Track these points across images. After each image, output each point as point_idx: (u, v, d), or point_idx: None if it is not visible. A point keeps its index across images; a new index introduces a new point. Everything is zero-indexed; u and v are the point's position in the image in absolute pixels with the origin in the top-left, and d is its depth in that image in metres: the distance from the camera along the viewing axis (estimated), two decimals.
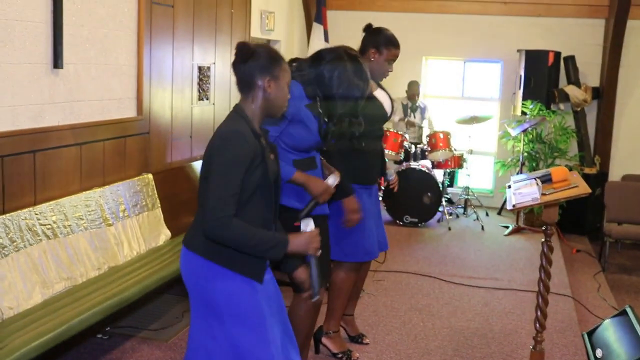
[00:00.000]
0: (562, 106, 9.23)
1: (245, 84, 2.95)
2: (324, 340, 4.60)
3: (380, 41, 4.38)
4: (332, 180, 3.59)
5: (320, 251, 3.03)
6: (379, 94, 4.50)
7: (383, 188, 7.97)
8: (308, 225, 3.01)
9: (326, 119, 3.65)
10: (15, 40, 4.15)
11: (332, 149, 4.02)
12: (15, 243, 3.98)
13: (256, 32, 7.91)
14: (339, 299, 4.52)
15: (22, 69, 4.22)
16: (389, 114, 4.56)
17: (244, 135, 2.83)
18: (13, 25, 4.12)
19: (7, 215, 4.01)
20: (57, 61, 4.47)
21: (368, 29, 4.46)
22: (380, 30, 4.43)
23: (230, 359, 2.93)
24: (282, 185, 3.32)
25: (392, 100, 4.67)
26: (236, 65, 2.96)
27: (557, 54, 9.23)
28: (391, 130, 8.39)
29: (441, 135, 8.71)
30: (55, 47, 4.45)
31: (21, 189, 4.24)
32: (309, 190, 3.59)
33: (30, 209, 4.18)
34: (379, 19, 4.53)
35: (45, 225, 4.22)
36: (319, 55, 3.75)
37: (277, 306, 3.07)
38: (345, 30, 4.49)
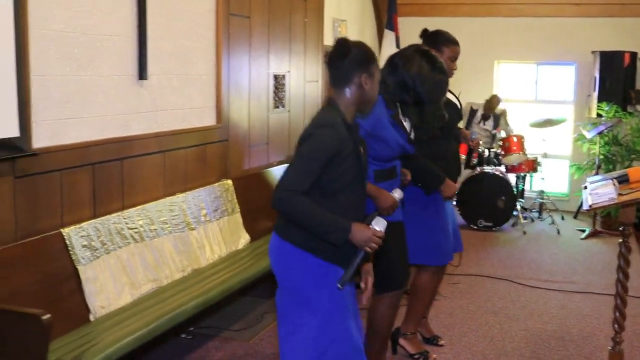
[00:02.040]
0: (639, 107, 9.08)
1: (341, 79, 3.07)
2: (402, 341, 4.67)
3: (438, 41, 4.45)
4: (398, 195, 3.67)
5: (371, 251, 3.03)
6: (449, 95, 4.56)
7: (457, 192, 8.00)
8: (378, 224, 3.01)
9: (418, 121, 3.77)
10: (104, 53, 4.38)
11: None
12: (105, 246, 4.19)
13: (329, 40, 8.03)
14: (421, 302, 4.59)
15: (110, 80, 4.44)
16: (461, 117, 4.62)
17: (335, 125, 2.97)
18: (102, 40, 4.35)
19: (98, 219, 4.23)
20: (142, 73, 4.68)
21: (424, 33, 4.55)
22: (436, 32, 4.51)
23: (315, 345, 3.07)
24: None
25: (460, 105, 4.73)
26: (333, 61, 3.07)
27: (633, 55, 9.08)
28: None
29: (515, 139, 8.68)
30: (141, 60, 4.67)
31: (110, 195, 4.46)
32: (377, 203, 3.69)
33: (119, 213, 4.40)
34: (449, 24, 4.60)
35: (133, 229, 4.43)
36: (393, 62, 3.85)
37: (352, 302, 3.20)
38: (417, 36, 4.56)
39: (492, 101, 9.19)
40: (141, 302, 4.24)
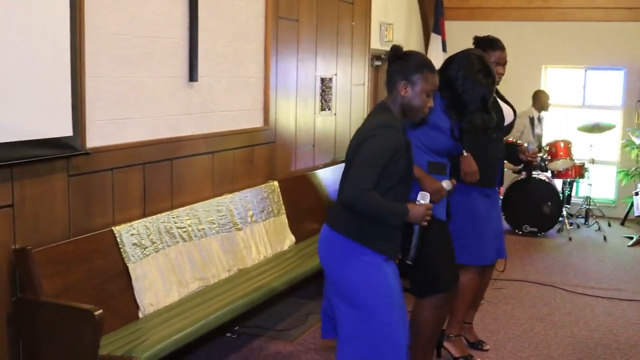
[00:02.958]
0: None
1: (389, 83, 3.25)
2: (446, 344, 4.67)
3: (485, 46, 4.46)
4: (447, 184, 3.73)
5: (425, 223, 3.26)
6: (502, 105, 4.56)
7: (502, 197, 7.97)
8: (424, 198, 3.25)
9: (458, 118, 3.84)
10: (156, 55, 4.46)
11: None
12: (155, 244, 4.26)
13: (375, 44, 8.06)
14: (462, 303, 4.58)
15: (161, 82, 4.52)
16: (507, 123, 4.59)
17: (395, 127, 3.15)
18: (154, 42, 4.43)
19: (148, 218, 4.31)
20: (192, 74, 4.76)
21: (475, 39, 4.57)
22: (484, 37, 4.53)
23: (365, 336, 3.16)
24: None
25: (515, 113, 4.71)
26: (388, 64, 3.28)
27: None
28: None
29: (562, 144, 8.59)
30: (191, 62, 4.74)
31: (159, 194, 4.54)
32: (422, 186, 3.73)
33: (168, 212, 4.47)
34: (497, 28, 4.60)
35: (181, 228, 4.50)
36: (448, 59, 4.02)
37: (400, 299, 3.29)
38: (464, 40, 4.57)
39: (541, 96, 9.11)
40: (188, 301, 4.30)
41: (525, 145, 4.75)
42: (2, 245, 3.50)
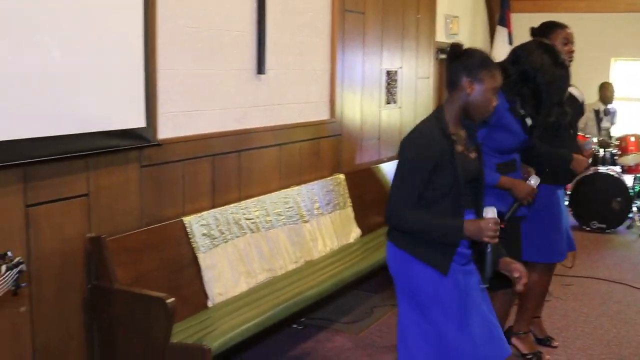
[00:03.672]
0: None
1: (451, 82, 3.06)
2: (514, 340, 4.61)
3: (545, 29, 4.37)
4: (534, 181, 3.67)
5: (496, 240, 3.00)
6: (572, 90, 4.46)
7: (569, 193, 7.84)
8: (488, 213, 2.98)
9: (534, 114, 3.76)
10: (224, 48, 4.50)
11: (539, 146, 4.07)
12: (224, 235, 4.31)
13: (441, 37, 8.00)
14: (531, 300, 4.52)
15: (230, 74, 4.57)
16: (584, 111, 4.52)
17: (428, 137, 2.96)
18: (223, 35, 4.47)
19: (217, 209, 4.36)
20: (260, 67, 4.79)
21: (531, 30, 4.50)
22: (541, 24, 4.44)
23: (431, 344, 3.06)
24: None
25: (583, 100, 4.63)
26: (448, 64, 3.10)
27: None
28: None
29: (632, 139, 8.37)
30: (259, 54, 4.78)
31: (228, 186, 4.59)
32: (515, 194, 3.69)
33: (236, 204, 4.52)
34: (564, 20, 4.48)
35: (249, 219, 4.54)
36: (515, 54, 3.87)
37: (477, 298, 3.15)
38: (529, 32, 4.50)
39: (607, 88, 8.91)
40: (256, 291, 4.34)
41: (585, 141, 4.66)
42: (78, 234, 3.59)
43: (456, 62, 3.03)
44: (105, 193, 3.72)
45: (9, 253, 2.52)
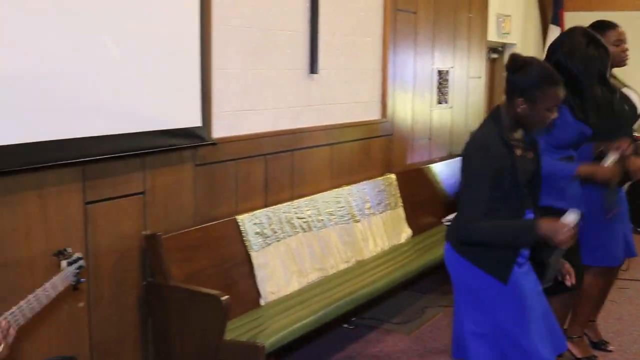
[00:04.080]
0: None
1: (508, 92, 3.00)
2: (568, 344, 4.54)
3: (596, 29, 4.28)
4: (613, 156, 3.59)
5: (569, 245, 2.96)
6: (628, 92, 4.38)
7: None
8: (568, 217, 2.93)
9: (578, 104, 3.71)
10: (278, 48, 4.53)
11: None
12: (276, 234, 4.33)
13: (493, 36, 7.92)
14: (586, 304, 4.45)
15: (283, 74, 4.59)
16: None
17: (489, 147, 2.91)
18: (277, 35, 4.50)
19: (269, 208, 4.39)
20: (313, 67, 4.81)
21: None
22: (591, 24, 4.36)
23: (492, 346, 3.05)
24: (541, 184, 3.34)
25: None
26: (506, 74, 3.02)
27: None
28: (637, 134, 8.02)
29: None
30: (312, 54, 4.80)
31: (280, 185, 4.62)
32: (598, 178, 3.61)
33: (289, 203, 4.54)
34: (619, 19, 4.39)
35: (301, 218, 4.56)
36: (553, 43, 3.87)
37: (534, 296, 3.11)
38: None
39: None
40: (308, 290, 4.35)
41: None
42: (134, 231, 3.65)
43: (514, 75, 2.96)
44: (160, 191, 3.77)
45: (69, 249, 2.58)
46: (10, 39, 2.88)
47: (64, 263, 2.52)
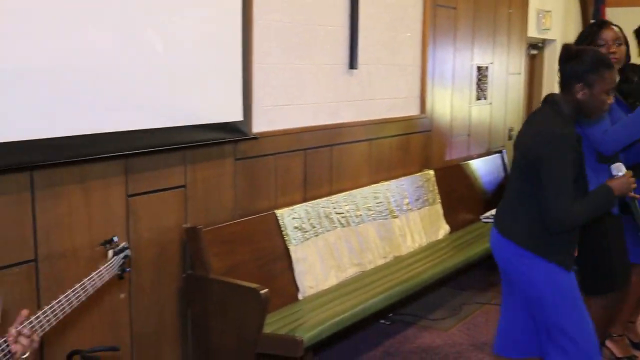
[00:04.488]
0: None
1: (563, 83, 3.07)
2: (608, 343, 4.49)
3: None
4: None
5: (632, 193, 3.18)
6: None
7: None
8: (620, 170, 3.14)
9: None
10: (318, 43, 4.53)
11: None
12: (315, 228, 4.34)
13: (532, 32, 7.84)
14: (628, 302, 4.39)
15: (323, 69, 4.60)
16: None
17: (566, 137, 2.97)
18: (317, 30, 4.50)
19: (308, 202, 4.40)
20: (352, 62, 4.81)
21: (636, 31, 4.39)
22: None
23: (547, 339, 3.11)
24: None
25: None
26: (560, 64, 3.09)
27: None
28: None
29: None
30: (352, 49, 4.80)
31: (319, 180, 4.63)
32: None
33: (327, 198, 4.55)
34: None
35: (340, 213, 4.56)
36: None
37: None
38: (626, 27, 4.33)
39: None
40: (345, 285, 4.36)
41: None
42: (175, 224, 3.68)
43: (568, 65, 3.03)
44: (201, 185, 3.80)
45: (115, 238, 2.61)
46: (56, 33, 2.92)
47: (110, 252, 2.55)
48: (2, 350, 1.94)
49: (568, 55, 3.05)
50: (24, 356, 1.99)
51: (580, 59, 3.01)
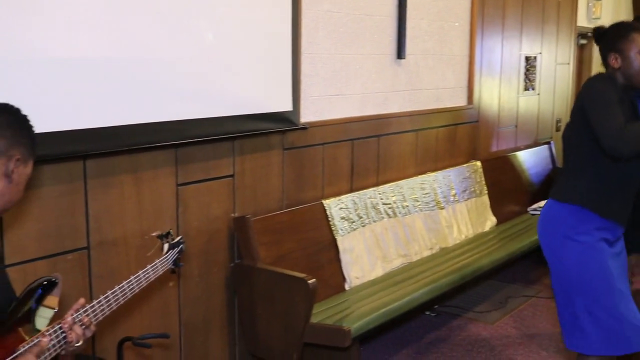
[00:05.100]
0: None
1: (603, 62, 3.17)
2: None
3: None
4: None
5: None
6: None
7: None
8: None
9: None
10: (366, 33, 4.51)
11: None
12: (361, 219, 4.33)
13: (582, 21, 7.71)
14: None
15: (370, 59, 4.57)
16: None
17: (612, 79, 3.05)
18: (364, 20, 4.48)
19: (355, 193, 4.39)
20: (400, 52, 4.78)
21: None
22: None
23: (594, 320, 3.06)
24: None
25: None
26: (596, 43, 3.21)
27: None
28: None
29: None
30: (399, 39, 4.76)
31: (366, 170, 4.61)
32: None
33: (374, 188, 4.53)
34: None
35: (386, 204, 4.55)
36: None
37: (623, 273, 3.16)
38: None
39: None
40: (392, 276, 4.34)
41: None
42: (223, 213, 3.70)
43: (600, 44, 3.15)
44: (249, 174, 3.81)
45: (171, 231, 2.62)
46: (109, 23, 2.95)
47: (166, 246, 2.55)
48: (58, 337, 1.97)
49: (598, 35, 3.16)
50: (78, 344, 2.02)
51: (606, 33, 3.14)
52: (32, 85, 2.69)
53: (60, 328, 1.98)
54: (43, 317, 2.00)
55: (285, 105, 3.84)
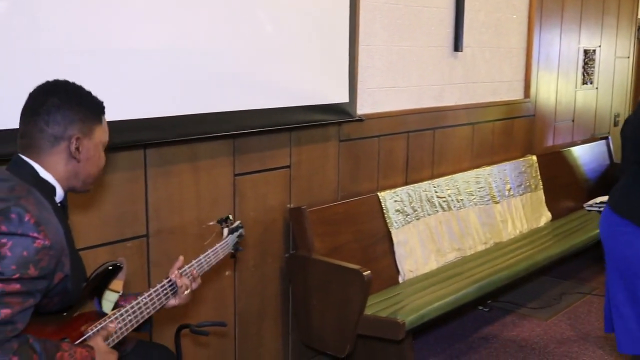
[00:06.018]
0: None
1: None
2: None
3: None
4: None
5: None
6: None
7: None
8: None
9: None
10: (422, 24, 4.48)
11: None
12: (416, 212, 4.31)
13: None
14: None
15: (427, 51, 4.54)
16: None
17: None
18: (421, 11, 4.45)
19: (410, 186, 4.37)
20: (457, 44, 4.74)
21: None
22: None
23: None
24: None
25: None
26: None
27: None
28: None
29: None
30: (457, 31, 4.72)
31: (421, 163, 4.59)
32: None
33: (429, 181, 4.51)
34: None
35: (441, 197, 4.52)
36: None
37: None
38: None
39: None
40: (445, 270, 4.32)
41: None
42: (279, 204, 3.72)
43: None
44: (305, 165, 3.82)
45: (230, 217, 2.64)
46: (169, 14, 2.97)
47: (225, 231, 2.58)
48: (171, 286, 2.25)
49: None
50: (187, 292, 2.31)
51: None
52: (102, 75, 2.73)
53: (169, 281, 2.25)
54: (109, 301, 2.05)
55: (342, 97, 3.84)
